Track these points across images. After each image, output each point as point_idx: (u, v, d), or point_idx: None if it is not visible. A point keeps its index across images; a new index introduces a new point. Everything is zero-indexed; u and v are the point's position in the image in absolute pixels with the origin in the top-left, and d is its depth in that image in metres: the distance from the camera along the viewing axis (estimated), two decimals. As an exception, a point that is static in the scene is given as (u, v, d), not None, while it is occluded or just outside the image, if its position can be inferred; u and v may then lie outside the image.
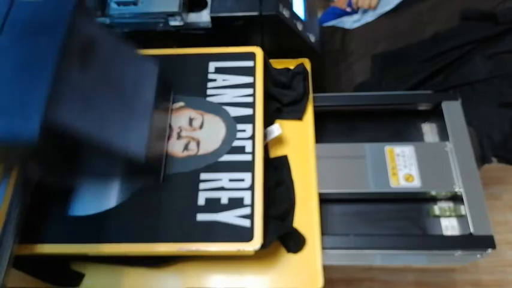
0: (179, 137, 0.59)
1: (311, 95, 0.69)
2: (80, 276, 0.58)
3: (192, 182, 0.56)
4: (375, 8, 0.97)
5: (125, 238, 0.53)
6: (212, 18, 0.67)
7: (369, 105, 0.74)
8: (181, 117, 0.61)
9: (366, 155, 0.68)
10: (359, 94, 0.78)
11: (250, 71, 0.63)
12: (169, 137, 0.59)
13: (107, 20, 0.68)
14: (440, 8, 0.84)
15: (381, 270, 1.12)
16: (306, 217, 0.60)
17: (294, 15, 0.70)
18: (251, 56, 0.64)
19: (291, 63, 0.70)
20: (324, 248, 0.59)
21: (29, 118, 0.38)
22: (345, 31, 0.95)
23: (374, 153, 0.68)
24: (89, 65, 0.45)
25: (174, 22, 0.68)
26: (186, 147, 0.59)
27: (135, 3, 0.68)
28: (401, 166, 0.67)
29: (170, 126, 0.60)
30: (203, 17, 0.69)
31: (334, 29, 0.97)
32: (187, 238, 0.53)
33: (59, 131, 0.40)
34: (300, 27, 0.70)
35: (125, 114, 0.49)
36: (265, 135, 0.61)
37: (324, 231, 0.60)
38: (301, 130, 0.67)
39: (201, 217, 0.54)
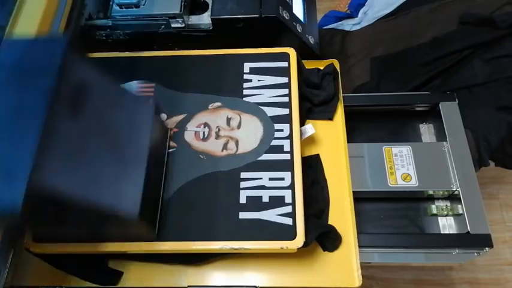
0: (218, 136, 0.60)
1: (341, 95, 0.69)
2: (119, 274, 0.57)
3: (233, 181, 0.56)
4: None
5: (167, 236, 0.53)
6: (213, 20, 0.68)
7: (367, 106, 0.75)
8: (219, 117, 0.61)
9: (364, 155, 0.69)
10: (358, 95, 0.79)
11: (284, 71, 0.64)
12: (208, 137, 0.60)
13: (109, 22, 0.69)
14: (439, 12, 0.84)
15: (380, 268, 1.13)
16: (340, 216, 0.60)
17: (293, 18, 0.71)
18: (285, 57, 0.65)
19: (320, 64, 0.71)
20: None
21: (12, 184, 0.33)
22: (344, 34, 0.95)
23: (372, 153, 0.69)
24: (81, 114, 0.41)
25: (176, 24, 0.69)
26: (225, 147, 0.59)
27: (137, 6, 0.68)
28: (399, 166, 0.68)
29: (208, 126, 0.61)
30: (204, 19, 0.70)
31: (334, 31, 0.97)
32: (231, 236, 0.53)
33: (45, 197, 0.36)
34: (299, 29, 0.71)
35: (118, 166, 0.45)
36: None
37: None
38: (332, 130, 0.67)
39: (243, 215, 0.54)
